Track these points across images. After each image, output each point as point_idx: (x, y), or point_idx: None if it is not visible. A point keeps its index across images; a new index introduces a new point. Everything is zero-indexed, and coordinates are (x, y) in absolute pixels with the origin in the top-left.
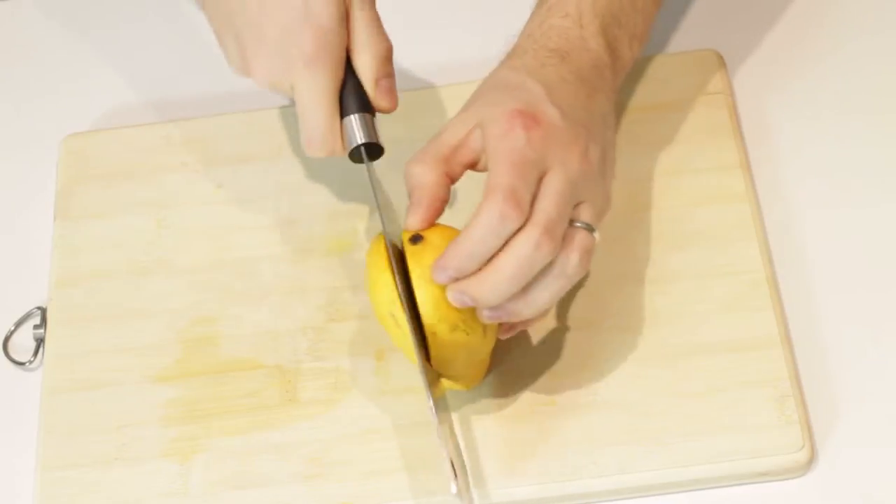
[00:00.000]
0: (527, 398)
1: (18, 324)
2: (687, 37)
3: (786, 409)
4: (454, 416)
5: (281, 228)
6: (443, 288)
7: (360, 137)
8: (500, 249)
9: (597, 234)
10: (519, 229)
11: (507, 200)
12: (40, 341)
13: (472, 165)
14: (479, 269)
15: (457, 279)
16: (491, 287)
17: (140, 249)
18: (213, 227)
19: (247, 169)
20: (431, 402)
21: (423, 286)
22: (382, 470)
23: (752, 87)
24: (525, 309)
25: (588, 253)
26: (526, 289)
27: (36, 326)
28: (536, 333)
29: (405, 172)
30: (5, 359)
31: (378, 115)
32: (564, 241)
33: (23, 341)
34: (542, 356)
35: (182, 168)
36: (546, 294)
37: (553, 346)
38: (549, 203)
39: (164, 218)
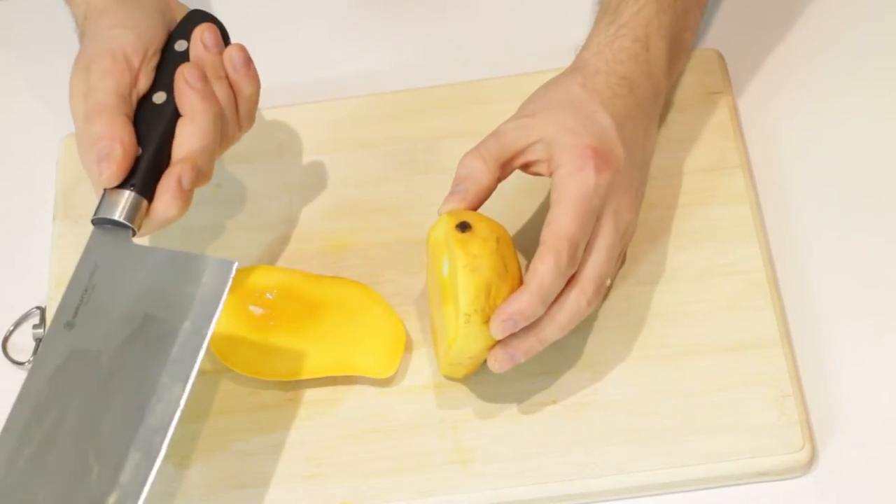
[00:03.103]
0: (527, 398)
1: (18, 324)
2: None
3: (786, 409)
4: (456, 416)
5: (281, 228)
6: (486, 278)
7: (105, 211)
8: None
9: (609, 281)
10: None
11: (571, 253)
12: (40, 341)
13: (524, 168)
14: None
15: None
16: (545, 339)
17: None
18: (213, 227)
19: (247, 169)
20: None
21: (468, 275)
22: (382, 470)
23: (752, 87)
24: (538, 346)
25: (601, 300)
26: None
27: (35, 326)
28: None
29: (461, 162)
30: (4, 359)
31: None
32: None
33: (22, 341)
34: (543, 356)
35: None
36: (556, 333)
37: (553, 345)
38: (601, 259)
39: None
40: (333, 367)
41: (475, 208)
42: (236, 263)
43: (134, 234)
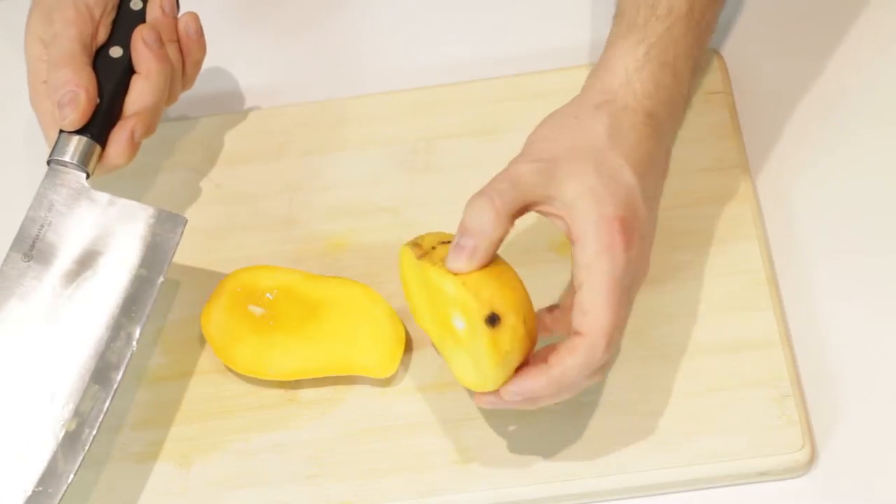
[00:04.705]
0: None
1: None
2: None
3: (786, 409)
4: (456, 416)
5: (281, 228)
6: (514, 364)
7: (63, 153)
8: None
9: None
10: None
11: (609, 346)
12: None
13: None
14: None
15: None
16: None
17: None
18: (213, 227)
19: (247, 169)
20: None
21: (499, 369)
22: (382, 470)
23: (752, 87)
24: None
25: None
26: None
27: None
28: None
29: (470, 205)
30: None
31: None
32: None
33: None
34: None
35: (182, 168)
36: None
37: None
38: (611, 320)
39: None
40: (333, 367)
41: (484, 267)
42: (187, 219)
43: (87, 177)
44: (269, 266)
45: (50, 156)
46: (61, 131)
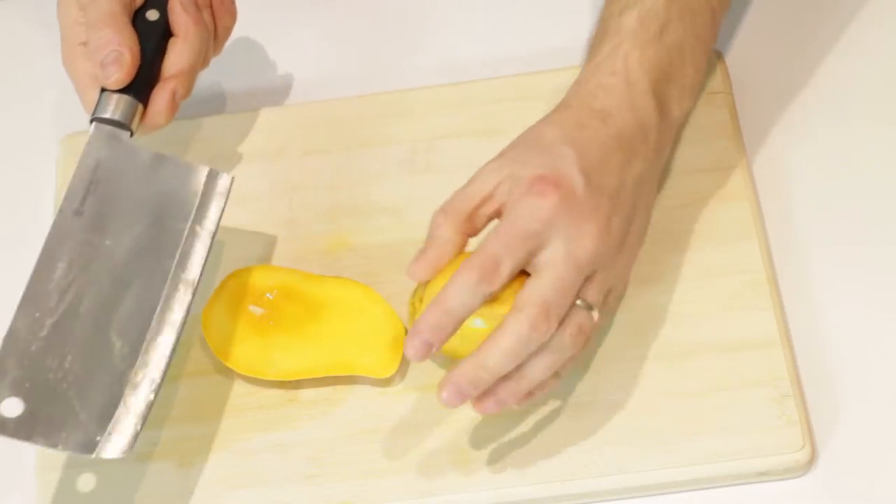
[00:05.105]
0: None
1: None
2: None
3: (786, 409)
4: (456, 416)
5: (281, 228)
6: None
7: (106, 111)
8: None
9: (595, 314)
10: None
11: (481, 264)
12: None
13: (499, 216)
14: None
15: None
16: (487, 366)
17: None
18: None
19: (247, 169)
20: None
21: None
22: (382, 470)
23: (752, 87)
24: (515, 385)
25: (582, 332)
26: (519, 366)
27: None
28: None
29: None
30: None
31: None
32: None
33: None
34: None
35: None
36: (537, 369)
37: None
38: (542, 282)
39: None
40: (333, 367)
41: (443, 265)
42: (233, 177)
43: (131, 135)
44: (269, 266)
45: (93, 114)
46: (103, 90)
